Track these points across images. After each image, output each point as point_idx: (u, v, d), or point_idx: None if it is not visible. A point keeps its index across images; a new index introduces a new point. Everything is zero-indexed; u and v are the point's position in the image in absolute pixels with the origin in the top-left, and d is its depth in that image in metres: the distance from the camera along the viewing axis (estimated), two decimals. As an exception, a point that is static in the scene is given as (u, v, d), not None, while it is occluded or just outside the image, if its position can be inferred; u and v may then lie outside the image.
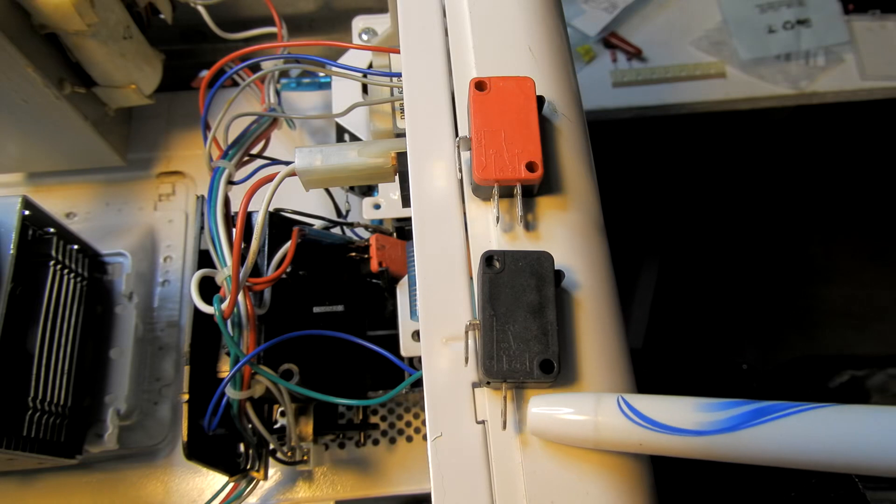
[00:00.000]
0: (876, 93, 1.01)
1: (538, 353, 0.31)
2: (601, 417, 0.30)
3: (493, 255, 0.33)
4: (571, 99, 0.40)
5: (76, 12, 0.56)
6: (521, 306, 0.32)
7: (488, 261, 0.33)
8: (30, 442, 0.55)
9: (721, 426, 0.28)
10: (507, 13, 0.41)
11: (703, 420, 0.28)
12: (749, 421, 0.27)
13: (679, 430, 0.28)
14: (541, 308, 0.32)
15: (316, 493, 0.65)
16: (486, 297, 0.32)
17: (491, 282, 0.33)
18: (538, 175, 0.35)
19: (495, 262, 0.33)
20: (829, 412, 0.27)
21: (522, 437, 0.32)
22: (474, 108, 0.36)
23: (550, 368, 0.31)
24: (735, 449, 0.28)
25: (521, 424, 0.32)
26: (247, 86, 0.56)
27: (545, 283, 0.32)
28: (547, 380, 0.31)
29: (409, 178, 0.38)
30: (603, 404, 0.30)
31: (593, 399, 0.30)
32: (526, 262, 0.33)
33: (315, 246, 0.57)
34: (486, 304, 0.32)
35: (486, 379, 0.32)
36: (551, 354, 0.31)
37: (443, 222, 0.37)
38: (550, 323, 0.32)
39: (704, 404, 0.29)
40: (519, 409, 0.33)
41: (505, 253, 0.33)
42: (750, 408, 0.28)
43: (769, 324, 1.27)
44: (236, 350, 0.48)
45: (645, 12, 1.07)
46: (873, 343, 1.25)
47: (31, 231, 0.57)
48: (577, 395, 0.31)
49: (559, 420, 0.31)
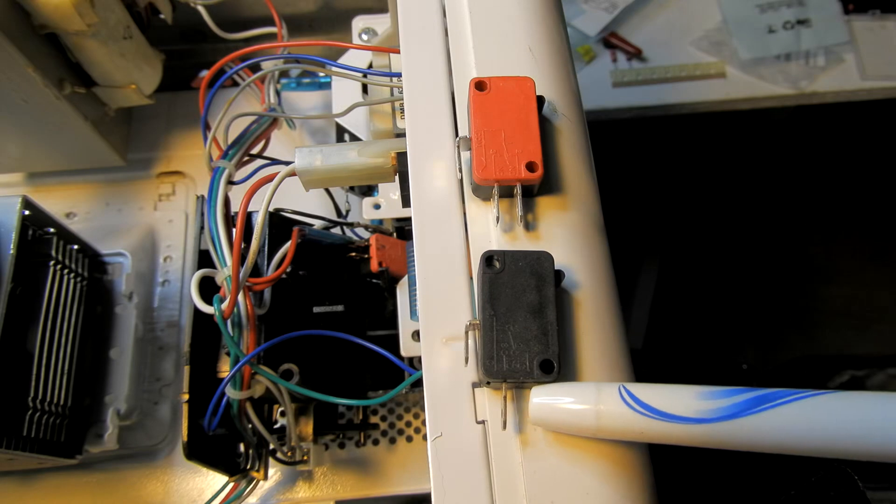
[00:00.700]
0: (876, 93, 1.01)
1: (538, 353, 0.31)
2: (603, 406, 0.30)
3: (494, 255, 0.33)
4: (571, 99, 0.40)
5: (76, 12, 0.56)
6: (522, 306, 0.32)
7: (488, 261, 0.33)
8: (30, 442, 0.55)
9: (722, 414, 0.28)
10: (507, 13, 0.41)
11: (704, 408, 0.28)
12: (750, 408, 0.27)
13: (680, 418, 0.28)
14: (541, 308, 0.32)
15: (316, 493, 0.65)
16: (486, 297, 0.32)
17: (491, 282, 0.33)
18: (538, 175, 0.35)
19: (495, 262, 0.33)
20: (830, 398, 0.27)
21: (522, 437, 0.32)
22: (474, 108, 0.36)
23: (550, 368, 0.31)
24: (737, 436, 0.28)
25: (522, 424, 0.32)
26: (247, 86, 0.56)
27: (545, 283, 0.32)
28: (547, 380, 0.31)
29: (409, 178, 0.38)
30: (604, 393, 0.30)
31: (594, 388, 0.30)
32: (526, 262, 0.33)
33: (315, 246, 0.57)
34: (486, 304, 0.32)
35: (487, 379, 0.32)
36: (551, 354, 0.31)
37: (443, 222, 0.37)
38: (550, 323, 0.32)
39: (706, 392, 0.29)
40: (519, 410, 0.33)
41: (505, 253, 0.33)
42: (751, 395, 0.28)
43: (769, 324, 1.27)
44: (236, 350, 0.48)
45: (645, 12, 1.07)
46: (873, 343, 1.25)
47: (31, 231, 0.57)
48: (579, 385, 0.31)
49: (561, 409, 0.31)
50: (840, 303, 1.29)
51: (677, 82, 1.01)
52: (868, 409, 0.26)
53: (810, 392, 0.27)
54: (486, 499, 0.31)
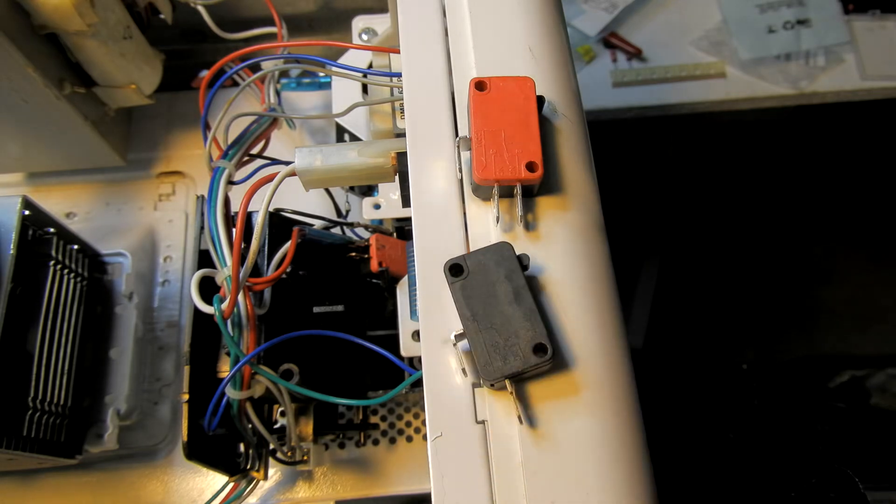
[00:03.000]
0: (876, 93, 1.01)
1: (528, 340, 0.32)
2: None
3: (457, 262, 0.33)
4: (571, 99, 0.40)
5: (76, 12, 0.56)
6: (498, 300, 0.33)
7: (453, 269, 0.33)
8: (30, 442, 0.55)
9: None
10: (507, 13, 0.41)
11: None
12: None
13: None
14: (516, 295, 0.33)
15: (316, 493, 0.65)
16: (462, 305, 0.33)
17: (462, 288, 0.33)
18: (538, 175, 0.35)
19: (461, 268, 0.33)
20: None
21: (536, 433, 0.32)
22: (474, 108, 0.36)
23: (544, 349, 0.31)
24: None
25: (532, 420, 0.32)
26: (247, 86, 0.56)
27: (513, 271, 0.33)
28: (544, 362, 0.31)
29: (409, 177, 0.38)
30: None
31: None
32: (488, 257, 0.33)
33: (315, 246, 0.57)
34: (465, 311, 0.33)
35: (490, 382, 0.32)
36: (540, 336, 0.32)
37: (443, 222, 0.37)
38: (530, 307, 0.32)
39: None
40: (524, 406, 0.33)
41: (466, 256, 0.34)
42: None
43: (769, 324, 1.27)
44: (236, 350, 0.48)
45: (645, 12, 1.07)
46: (873, 343, 1.24)
47: (31, 231, 0.57)
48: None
49: None
50: (840, 303, 1.29)
51: (677, 82, 1.01)
52: None
53: None
54: (486, 499, 0.31)
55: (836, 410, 1.09)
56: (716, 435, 0.89)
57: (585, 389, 0.33)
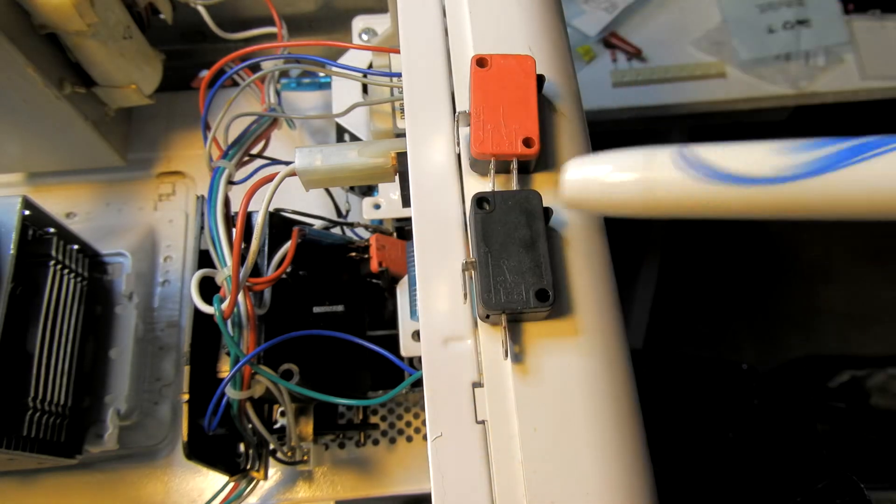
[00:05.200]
0: (876, 93, 1.01)
1: (533, 284, 0.33)
2: (655, 173, 0.24)
3: (484, 197, 0.34)
4: (572, 97, 0.40)
5: (76, 12, 0.56)
6: (514, 242, 0.33)
7: (479, 202, 0.34)
8: (30, 442, 0.55)
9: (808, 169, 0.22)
10: (507, 13, 0.41)
11: (783, 164, 0.23)
12: (845, 160, 0.22)
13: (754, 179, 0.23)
14: (532, 242, 0.33)
15: (316, 493, 0.65)
16: (479, 236, 0.33)
17: (483, 221, 0.34)
18: (535, 150, 0.35)
19: (486, 204, 0.34)
20: None
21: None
22: (475, 84, 0.37)
23: (546, 297, 0.32)
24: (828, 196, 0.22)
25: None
26: (247, 86, 0.56)
27: (535, 219, 0.34)
28: (543, 308, 0.32)
29: (409, 178, 0.38)
30: (657, 159, 0.25)
31: (642, 154, 0.25)
32: (515, 201, 0.34)
33: (315, 246, 0.57)
34: (481, 242, 0.33)
35: (486, 312, 0.33)
36: (546, 284, 0.33)
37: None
38: (543, 255, 0.33)
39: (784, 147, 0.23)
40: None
41: (495, 193, 0.34)
42: (846, 145, 0.22)
43: (769, 324, 1.27)
44: (236, 350, 0.48)
45: (645, 12, 1.07)
46: (873, 343, 1.25)
47: (31, 231, 0.57)
48: (622, 153, 0.26)
49: (601, 182, 0.26)
50: (840, 303, 1.29)
51: (677, 82, 1.01)
52: None
53: None
54: (486, 499, 0.31)
55: (836, 410, 1.09)
56: (716, 435, 0.89)
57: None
